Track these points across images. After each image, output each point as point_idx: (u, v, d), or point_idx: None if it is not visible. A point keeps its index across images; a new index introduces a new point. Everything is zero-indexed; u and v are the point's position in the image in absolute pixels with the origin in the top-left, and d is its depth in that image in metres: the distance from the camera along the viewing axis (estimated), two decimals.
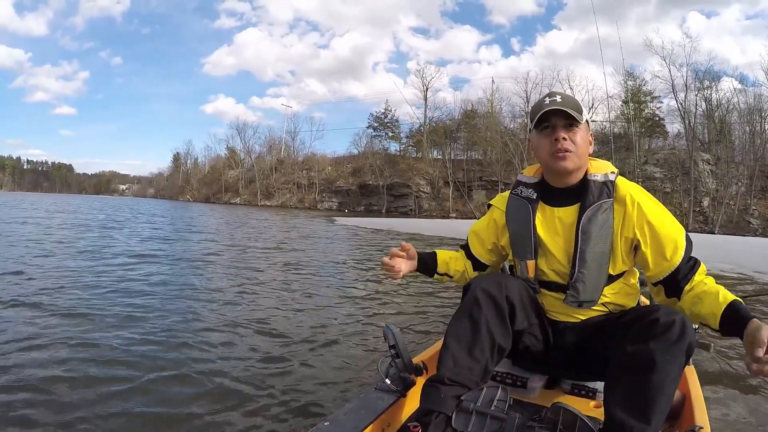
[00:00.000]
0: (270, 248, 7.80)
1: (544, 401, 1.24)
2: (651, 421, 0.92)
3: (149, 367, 2.11)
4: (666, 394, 0.93)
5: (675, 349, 0.94)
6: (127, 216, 17.19)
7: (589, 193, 1.15)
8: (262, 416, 1.73)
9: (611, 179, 1.17)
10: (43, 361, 2.14)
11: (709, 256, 8.01)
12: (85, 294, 3.57)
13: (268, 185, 46.50)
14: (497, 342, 1.09)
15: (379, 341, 2.66)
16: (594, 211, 1.14)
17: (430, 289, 4.46)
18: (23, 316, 2.91)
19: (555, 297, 1.22)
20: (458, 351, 1.08)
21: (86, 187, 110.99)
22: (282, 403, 1.84)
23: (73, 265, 5.01)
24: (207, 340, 2.57)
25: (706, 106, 27.43)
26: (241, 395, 1.89)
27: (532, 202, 1.23)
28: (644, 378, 0.94)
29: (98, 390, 1.85)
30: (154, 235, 9.41)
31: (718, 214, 24.63)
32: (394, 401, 1.15)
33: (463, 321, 1.11)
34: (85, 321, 2.83)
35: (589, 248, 1.14)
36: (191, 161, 63.21)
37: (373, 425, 1.05)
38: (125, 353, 2.29)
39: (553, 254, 1.19)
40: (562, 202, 1.20)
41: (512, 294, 1.13)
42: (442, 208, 34.98)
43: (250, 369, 2.20)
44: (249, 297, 3.79)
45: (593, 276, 1.15)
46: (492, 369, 1.12)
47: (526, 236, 1.22)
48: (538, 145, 1.20)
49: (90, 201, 39.21)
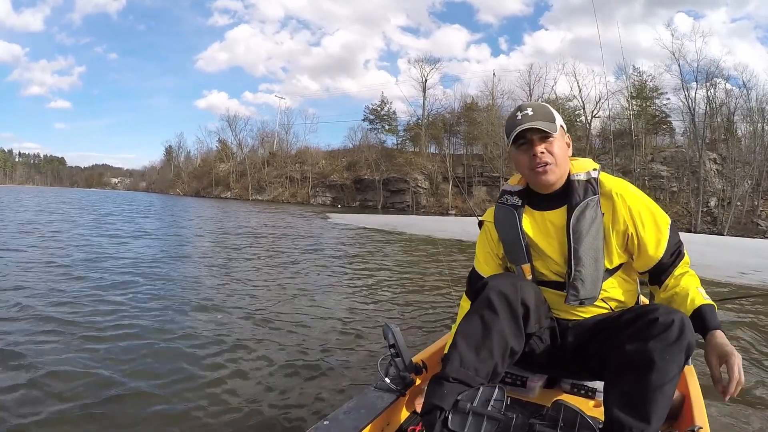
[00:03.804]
0: (264, 248, 7.53)
1: (544, 401, 1.23)
2: (651, 420, 0.92)
3: (150, 368, 2.12)
4: (665, 394, 0.93)
5: (674, 348, 0.93)
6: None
7: (575, 193, 1.18)
8: (261, 415, 1.73)
9: (594, 176, 1.20)
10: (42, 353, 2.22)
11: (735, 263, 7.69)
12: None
13: (260, 179, 45.33)
14: (509, 344, 1.08)
15: (378, 340, 2.66)
16: (582, 210, 1.16)
17: (431, 289, 4.52)
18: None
19: (557, 294, 1.23)
20: (466, 351, 1.07)
21: (78, 180, 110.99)
22: (281, 402, 1.84)
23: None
24: (206, 341, 2.57)
25: (708, 104, 26.47)
26: (239, 395, 1.90)
27: (517, 208, 1.24)
28: (643, 377, 0.93)
29: (96, 391, 1.84)
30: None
31: (727, 215, 23.84)
32: (394, 400, 1.15)
33: (474, 321, 1.09)
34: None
35: (582, 246, 1.15)
36: (184, 154, 62.19)
37: (373, 424, 1.05)
38: (124, 353, 2.30)
39: (549, 256, 1.21)
40: (550, 206, 1.21)
41: (527, 297, 1.11)
42: (441, 204, 33.64)
43: (248, 368, 2.19)
44: (245, 298, 3.73)
45: (590, 272, 1.17)
46: (502, 371, 1.10)
47: (516, 241, 1.24)
48: (517, 160, 1.21)
49: (66, 195, 38.70)
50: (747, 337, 3.19)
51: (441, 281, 4.94)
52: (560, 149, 1.17)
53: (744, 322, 3.67)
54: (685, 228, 23.33)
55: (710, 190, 25.31)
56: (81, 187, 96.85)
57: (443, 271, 5.50)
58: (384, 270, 5.64)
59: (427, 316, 3.39)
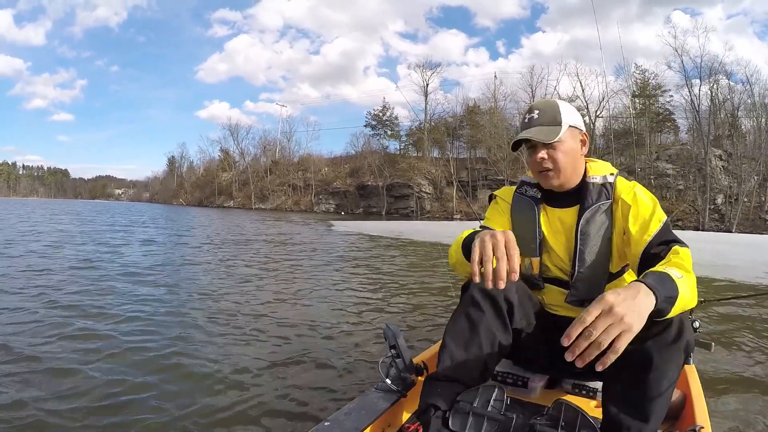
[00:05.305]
0: (266, 255, 7.49)
1: (545, 401, 1.23)
2: (649, 419, 0.91)
3: (150, 368, 2.13)
4: (664, 393, 0.92)
5: (672, 348, 0.91)
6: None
7: (588, 196, 1.18)
8: (262, 417, 1.73)
9: (610, 181, 1.19)
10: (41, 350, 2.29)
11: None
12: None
13: (263, 187, 45.40)
14: (497, 339, 1.09)
15: (379, 341, 2.66)
16: (592, 213, 1.17)
17: (431, 289, 4.53)
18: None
19: (559, 291, 1.24)
20: (456, 349, 1.08)
21: (82, 192, 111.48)
22: (282, 404, 1.85)
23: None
24: (206, 343, 2.58)
25: (711, 100, 26.24)
26: (240, 396, 1.89)
27: (537, 202, 1.25)
28: (642, 377, 0.92)
29: (97, 391, 1.86)
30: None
31: (735, 212, 23.63)
32: (395, 401, 1.15)
33: (461, 321, 1.10)
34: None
35: (588, 249, 1.17)
36: (186, 164, 62.45)
37: (374, 425, 1.05)
38: (123, 353, 2.33)
39: (556, 252, 1.23)
40: (563, 204, 1.23)
41: (510, 293, 1.12)
42: (446, 209, 33.50)
43: (249, 370, 2.18)
44: (248, 301, 3.74)
45: (593, 275, 1.18)
46: (492, 367, 1.12)
47: (531, 234, 1.24)
48: (528, 160, 1.23)
49: (68, 206, 38.80)
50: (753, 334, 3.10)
51: (442, 283, 4.91)
52: (565, 153, 1.15)
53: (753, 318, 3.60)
54: (693, 226, 23.12)
55: (717, 187, 25.14)
56: (85, 199, 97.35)
57: (444, 273, 5.48)
58: (385, 273, 5.62)
59: (428, 317, 3.39)
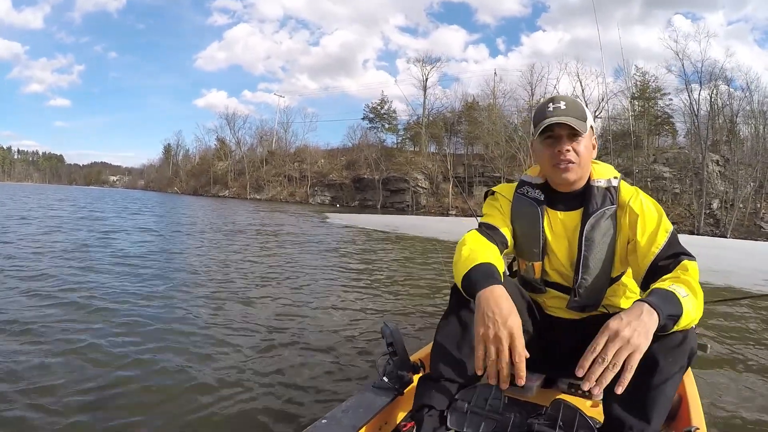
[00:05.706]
0: (261, 247, 7.36)
1: (542, 400, 1.24)
2: (651, 420, 0.92)
3: (151, 368, 2.09)
4: (666, 396, 0.93)
5: (677, 352, 0.93)
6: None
7: (593, 200, 1.17)
8: (259, 414, 1.73)
9: (614, 185, 1.19)
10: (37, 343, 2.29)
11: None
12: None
13: (258, 178, 45.00)
14: None
15: (376, 339, 2.64)
16: (597, 219, 1.16)
17: (429, 288, 4.50)
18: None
19: (558, 296, 1.24)
20: (447, 349, 1.08)
21: (76, 178, 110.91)
22: (279, 401, 1.85)
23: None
24: (203, 340, 2.54)
25: (710, 105, 26.17)
26: (237, 393, 1.88)
27: (540, 204, 1.22)
28: (646, 378, 0.92)
29: (91, 388, 1.84)
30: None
31: (730, 218, 23.62)
32: (392, 399, 1.15)
33: (452, 322, 1.10)
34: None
35: (592, 255, 1.16)
36: (182, 153, 61.86)
37: (371, 423, 1.06)
38: (120, 352, 2.26)
39: (557, 256, 1.21)
40: (566, 206, 1.21)
41: None
42: (441, 204, 33.32)
43: (246, 367, 2.17)
44: (242, 297, 3.68)
45: (596, 282, 1.17)
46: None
47: (534, 238, 1.22)
48: (541, 153, 1.19)
49: (67, 192, 38.72)
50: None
51: (440, 281, 4.85)
52: (586, 149, 1.15)
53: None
54: (687, 230, 23.07)
55: (713, 192, 25.11)
56: (79, 185, 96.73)
57: (442, 271, 5.42)
58: (382, 270, 5.54)
59: (426, 316, 3.38)
